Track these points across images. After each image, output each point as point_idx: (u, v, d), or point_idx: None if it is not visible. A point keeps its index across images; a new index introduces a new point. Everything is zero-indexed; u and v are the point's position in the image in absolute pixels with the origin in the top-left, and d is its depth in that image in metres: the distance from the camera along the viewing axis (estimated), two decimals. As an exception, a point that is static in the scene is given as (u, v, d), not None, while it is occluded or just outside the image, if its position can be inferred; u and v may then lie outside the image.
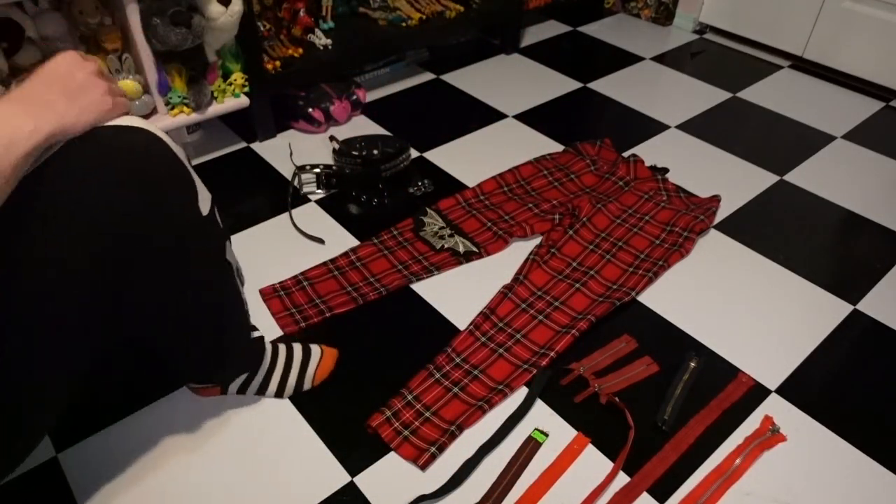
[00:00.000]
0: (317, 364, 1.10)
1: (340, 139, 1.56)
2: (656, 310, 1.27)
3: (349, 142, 1.53)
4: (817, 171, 1.68)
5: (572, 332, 1.18)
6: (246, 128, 1.74)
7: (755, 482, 0.99)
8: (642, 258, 1.36)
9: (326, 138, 1.72)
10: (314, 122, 1.72)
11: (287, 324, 1.20)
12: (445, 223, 1.44)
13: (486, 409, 1.06)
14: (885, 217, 1.53)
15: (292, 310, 1.23)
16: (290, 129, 1.76)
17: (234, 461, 0.99)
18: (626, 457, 1.01)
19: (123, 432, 1.03)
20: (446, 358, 1.14)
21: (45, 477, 0.97)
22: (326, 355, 1.12)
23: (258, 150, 1.68)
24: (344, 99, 1.76)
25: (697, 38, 2.34)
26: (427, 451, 1.00)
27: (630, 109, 1.91)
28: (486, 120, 1.84)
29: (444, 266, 1.34)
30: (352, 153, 1.49)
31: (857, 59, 2.03)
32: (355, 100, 1.79)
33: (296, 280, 1.29)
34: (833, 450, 1.04)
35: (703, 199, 1.54)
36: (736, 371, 1.16)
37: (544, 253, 1.36)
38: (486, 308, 1.24)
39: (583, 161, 1.64)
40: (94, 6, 1.37)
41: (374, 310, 1.25)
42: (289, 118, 1.76)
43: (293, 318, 1.21)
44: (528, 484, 0.98)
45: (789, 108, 1.94)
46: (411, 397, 1.07)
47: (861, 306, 1.30)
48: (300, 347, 1.11)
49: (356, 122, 1.81)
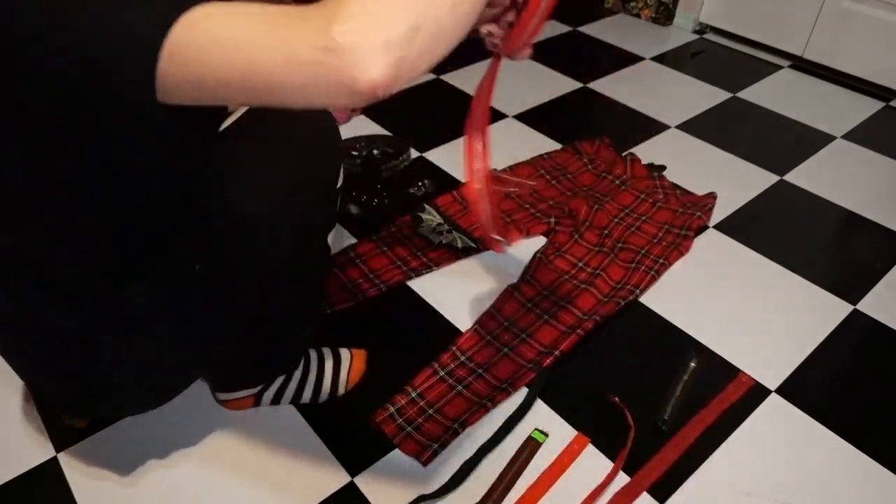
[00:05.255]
0: (349, 367, 1.09)
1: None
2: (656, 310, 1.27)
3: (349, 142, 1.53)
4: (817, 171, 1.68)
5: (577, 332, 1.18)
6: (246, 128, 1.74)
7: (755, 482, 0.99)
8: (643, 254, 1.36)
9: (326, 138, 1.72)
10: (314, 122, 1.72)
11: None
12: (443, 219, 1.45)
13: (490, 407, 1.06)
14: (885, 217, 1.53)
15: (292, 310, 1.23)
16: (290, 129, 1.76)
17: (234, 461, 0.99)
18: (626, 457, 1.01)
19: (123, 432, 1.02)
20: (451, 356, 1.14)
21: (45, 477, 0.97)
22: (356, 357, 1.11)
23: (258, 150, 1.68)
24: (344, 99, 1.76)
25: (697, 38, 2.34)
26: (429, 447, 1.00)
27: (630, 109, 1.91)
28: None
29: (443, 262, 1.34)
30: (351, 153, 1.49)
31: (857, 59, 2.03)
32: (355, 100, 1.79)
33: (296, 280, 1.29)
34: (833, 450, 1.04)
35: (699, 197, 1.54)
36: (736, 371, 1.16)
37: (551, 253, 1.36)
38: (492, 307, 1.24)
39: (580, 160, 1.64)
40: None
41: (374, 309, 1.25)
42: (289, 118, 1.75)
43: (293, 318, 1.21)
44: (528, 484, 0.98)
45: (789, 108, 1.94)
46: (415, 394, 1.07)
47: (861, 306, 1.30)
48: (329, 352, 1.09)
49: (356, 122, 1.81)
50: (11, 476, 0.97)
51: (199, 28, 0.52)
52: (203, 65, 0.53)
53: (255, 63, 0.52)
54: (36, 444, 1.01)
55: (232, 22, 0.52)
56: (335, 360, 1.08)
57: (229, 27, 0.52)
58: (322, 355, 1.08)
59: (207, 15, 0.52)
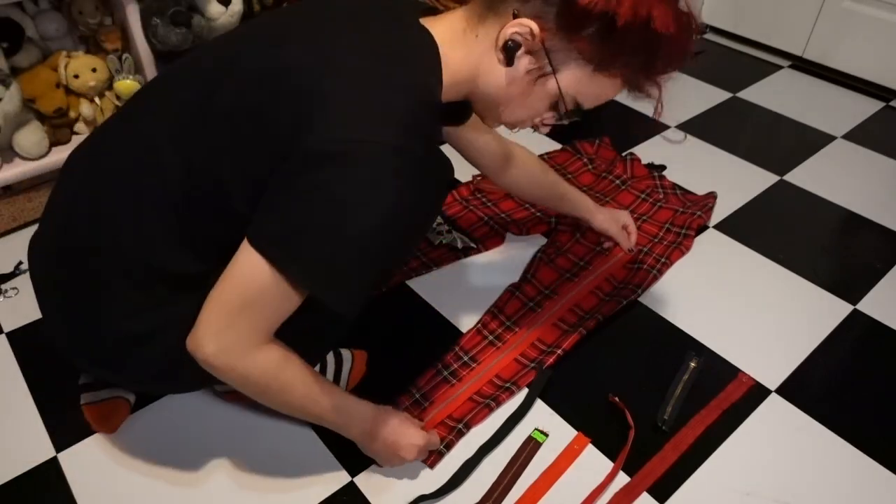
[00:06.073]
0: (350, 368, 1.09)
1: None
2: (656, 310, 1.27)
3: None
4: (817, 171, 1.68)
5: (579, 331, 1.18)
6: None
7: (755, 482, 0.99)
8: (644, 252, 1.36)
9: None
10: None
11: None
12: (443, 219, 1.44)
13: (494, 406, 1.06)
14: (885, 217, 1.53)
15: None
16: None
17: (234, 461, 0.99)
18: (626, 457, 1.01)
19: (123, 432, 1.02)
20: (454, 356, 1.14)
21: (45, 477, 0.97)
22: (357, 358, 1.11)
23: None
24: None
25: (697, 38, 2.34)
26: (435, 449, 1.00)
27: (630, 109, 1.91)
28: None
29: (443, 262, 1.34)
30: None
31: (857, 59, 2.03)
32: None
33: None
34: (833, 450, 1.04)
35: (699, 196, 1.54)
36: (736, 371, 1.15)
37: (552, 252, 1.36)
38: (494, 307, 1.24)
39: (580, 160, 1.64)
40: (94, 6, 1.37)
41: (375, 309, 1.24)
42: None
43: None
44: (528, 484, 0.97)
45: (789, 108, 1.94)
46: (419, 395, 1.07)
47: (861, 306, 1.30)
48: (331, 352, 1.08)
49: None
50: (12, 476, 0.97)
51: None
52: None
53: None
54: (36, 443, 1.01)
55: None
56: (336, 360, 1.08)
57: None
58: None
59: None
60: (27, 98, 1.30)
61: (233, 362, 0.75)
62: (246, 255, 0.72)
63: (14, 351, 1.14)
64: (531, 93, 0.77)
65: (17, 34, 1.31)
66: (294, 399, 0.82)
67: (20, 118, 1.30)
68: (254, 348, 0.75)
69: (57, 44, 1.39)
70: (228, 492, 0.96)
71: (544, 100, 0.78)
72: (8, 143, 1.33)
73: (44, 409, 1.06)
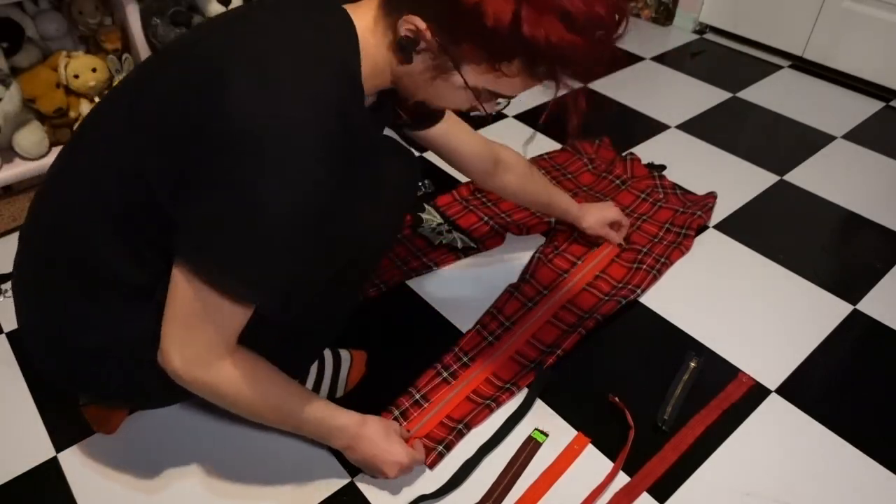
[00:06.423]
0: (348, 369, 1.08)
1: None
2: (656, 310, 1.27)
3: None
4: (817, 171, 1.68)
5: (579, 331, 1.18)
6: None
7: (755, 482, 0.99)
8: (644, 252, 1.36)
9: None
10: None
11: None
12: (443, 219, 1.45)
13: (494, 407, 1.06)
14: (885, 217, 1.53)
15: (292, 310, 1.23)
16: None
17: (234, 461, 0.99)
18: (626, 457, 1.01)
19: (123, 432, 1.02)
20: (453, 357, 1.14)
21: (45, 477, 0.97)
22: (356, 359, 1.10)
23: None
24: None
25: (697, 38, 2.34)
26: (434, 449, 1.00)
27: (630, 109, 1.91)
28: (486, 120, 1.83)
29: (443, 262, 1.34)
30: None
31: (857, 59, 2.03)
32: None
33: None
34: (833, 450, 1.04)
35: (699, 196, 1.54)
36: (736, 371, 1.16)
37: (550, 252, 1.36)
38: (493, 307, 1.24)
39: (580, 160, 1.64)
40: (94, 6, 1.37)
41: (374, 310, 1.25)
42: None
43: (293, 318, 1.21)
44: (528, 484, 0.98)
45: (789, 108, 1.94)
46: (419, 396, 1.07)
47: (861, 306, 1.30)
48: (329, 352, 1.08)
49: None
50: (12, 476, 0.97)
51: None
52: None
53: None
54: (36, 443, 1.01)
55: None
56: (335, 360, 1.08)
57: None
58: (322, 356, 1.07)
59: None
60: (27, 98, 1.30)
61: (199, 375, 0.74)
62: (176, 267, 0.71)
63: (14, 351, 1.14)
64: (442, 87, 0.74)
65: (17, 34, 1.31)
66: (267, 411, 0.81)
67: (20, 118, 1.31)
68: (217, 360, 0.74)
69: (57, 44, 1.39)
70: (229, 492, 0.96)
71: (459, 91, 0.74)
72: (8, 143, 1.33)
73: (44, 409, 1.06)
